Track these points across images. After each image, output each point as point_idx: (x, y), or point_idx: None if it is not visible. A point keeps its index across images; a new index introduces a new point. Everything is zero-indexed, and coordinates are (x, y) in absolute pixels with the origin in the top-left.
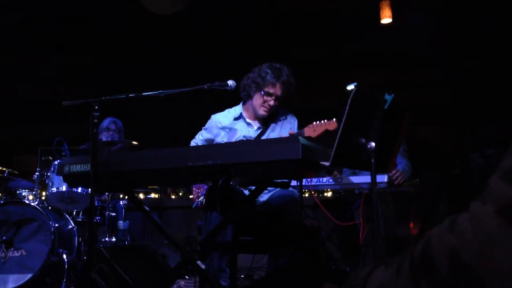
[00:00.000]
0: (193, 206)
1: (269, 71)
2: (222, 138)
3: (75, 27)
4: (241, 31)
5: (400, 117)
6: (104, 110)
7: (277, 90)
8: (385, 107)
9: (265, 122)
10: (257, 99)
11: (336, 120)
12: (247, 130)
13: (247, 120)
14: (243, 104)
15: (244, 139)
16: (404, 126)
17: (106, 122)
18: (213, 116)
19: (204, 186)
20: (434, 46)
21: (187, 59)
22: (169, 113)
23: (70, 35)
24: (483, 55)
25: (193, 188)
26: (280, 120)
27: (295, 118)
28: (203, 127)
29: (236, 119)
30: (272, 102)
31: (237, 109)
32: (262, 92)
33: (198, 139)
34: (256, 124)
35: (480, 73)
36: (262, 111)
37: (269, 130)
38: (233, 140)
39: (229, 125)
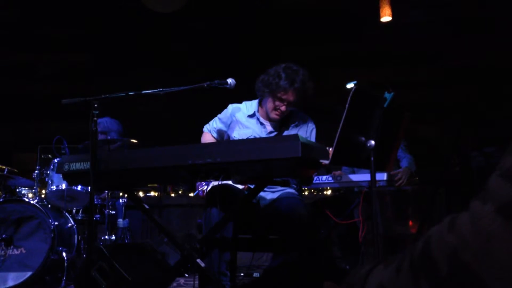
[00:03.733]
0: (194, 194)
1: (283, 74)
2: (234, 132)
3: (74, 25)
4: (240, 29)
5: (399, 116)
6: (104, 108)
7: (289, 96)
8: (385, 105)
9: (280, 124)
10: (269, 103)
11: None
12: (259, 130)
13: (261, 119)
14: (259, 102)
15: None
16: (403, 124)
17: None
18: (230, 106)
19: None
20: (434, 44)
21: (187, 57)
22: (168, 112)
23: (70, 33)
24: (483, 53)
25: (198, 186)
26: (296, 125)
27: (313, 124)
28: (218, 115)
29: (250, 116)
30: (283, 108)
31: (253, 106)
32: (274, 97)
33: (212, 126)
34: (269, 126)
35: (480, 72)
36: (273, 115)
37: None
38: (244, 138)
39: (242, 121)
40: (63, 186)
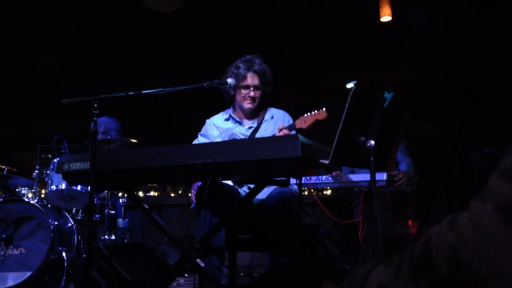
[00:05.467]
0: (191, 207)
1: (240, 65)
2: (216, 138)
3: (75, 24)
4: (240, 29)
5: (399, 115)
6: (104, 107)
7: (253, 80)
8: (385, 105)
9: (256, 118)
10: (238, 95)
11: (325, 110)
12: (238, 128)
13: (237, 119)
14: (233, 106)
15: (236, 136)
16: (403, 124)
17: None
18: (207, 120)
19: None
20: (434, 44)
21: (187, 55)
22: (168, 111)
23: (70, 32)
24: (483, 54)
25: (192, 191)
26: (272, 118)
27: (289, 116)
28: (199, 133)
29: (226, 120)
30: (252, 93)
31: (227, 112)
32: (241, 87)
33: None
34: (247, 123)
35: (480, 72)
36: (246, 105)
37: (262, 129)
38: (226, 138)
39: (221, 126)
40: (63, 186)
